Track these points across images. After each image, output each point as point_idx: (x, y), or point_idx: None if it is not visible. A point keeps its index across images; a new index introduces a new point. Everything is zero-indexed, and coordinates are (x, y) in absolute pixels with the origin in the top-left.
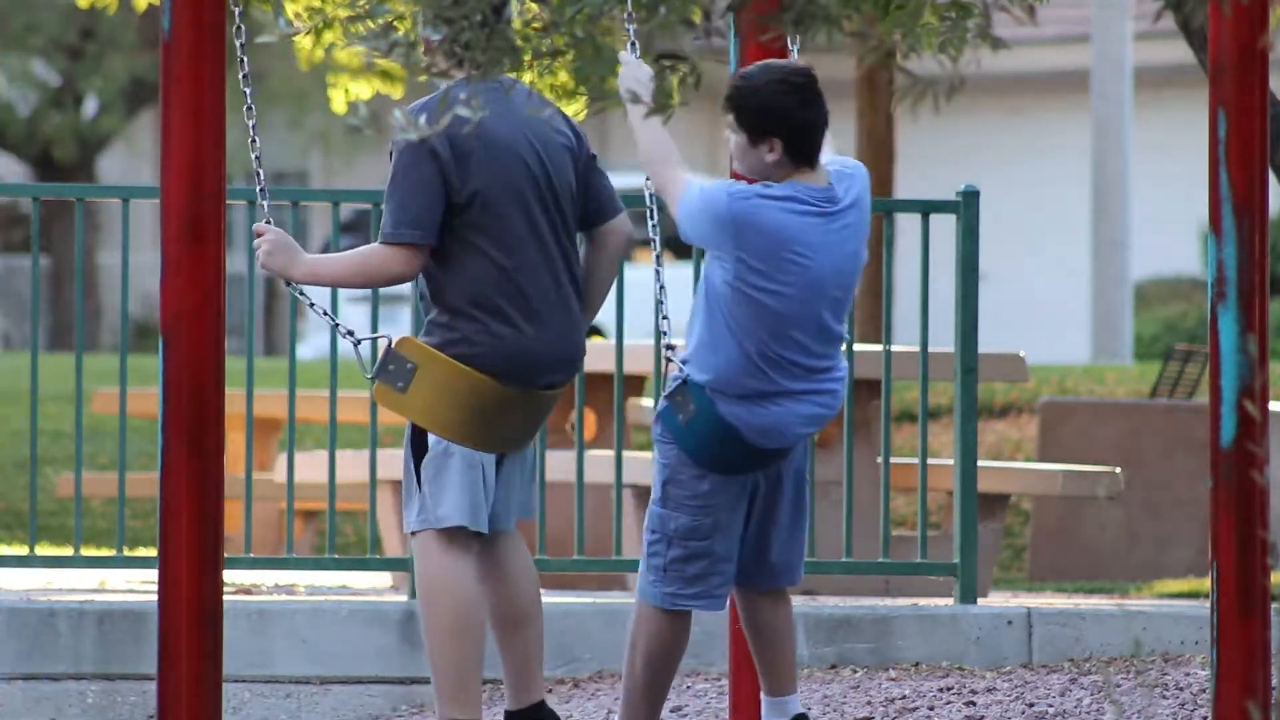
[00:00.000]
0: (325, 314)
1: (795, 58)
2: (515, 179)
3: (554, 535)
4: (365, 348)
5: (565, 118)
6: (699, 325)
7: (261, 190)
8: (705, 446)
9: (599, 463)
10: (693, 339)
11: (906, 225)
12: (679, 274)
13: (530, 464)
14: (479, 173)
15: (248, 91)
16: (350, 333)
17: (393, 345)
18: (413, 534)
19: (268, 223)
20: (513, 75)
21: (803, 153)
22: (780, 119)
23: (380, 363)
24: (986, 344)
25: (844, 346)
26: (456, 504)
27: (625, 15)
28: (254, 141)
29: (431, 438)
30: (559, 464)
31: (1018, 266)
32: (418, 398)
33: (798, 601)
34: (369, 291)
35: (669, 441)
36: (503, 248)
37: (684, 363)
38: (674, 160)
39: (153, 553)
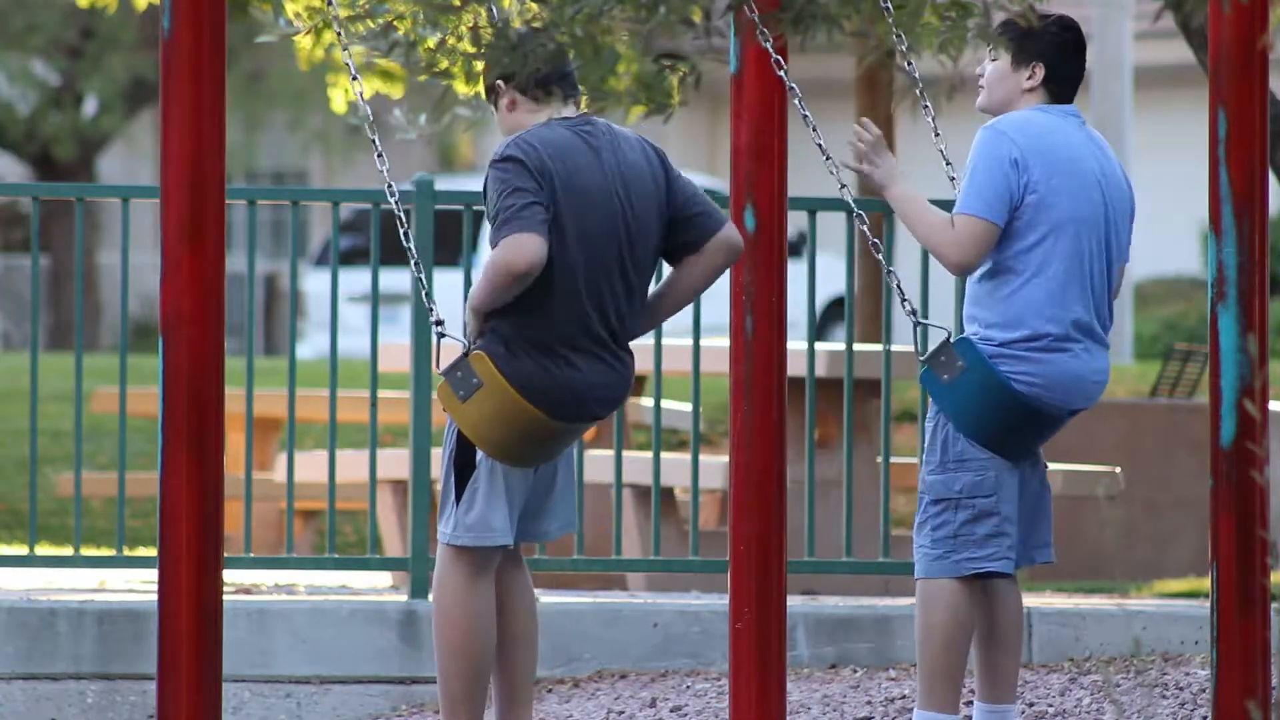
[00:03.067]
0: (425, 293)
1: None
2: (590, 220)
3: None
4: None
5: (646, 143)
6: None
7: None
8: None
9: (599, 463)
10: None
11: None
12: None
13: (570, 477)
14: (556, 213)
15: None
16: (440, 323)
17: (469, 356)
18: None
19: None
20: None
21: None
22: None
23: (451, 366)
24: None
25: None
26: (502, 524)
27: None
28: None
29: (479, 454)
30: None
31: None
32: (472, 412)
33: (797, 601)
34: (369, 290)
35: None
36: (565, 289)
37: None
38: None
39: (153, 553)
